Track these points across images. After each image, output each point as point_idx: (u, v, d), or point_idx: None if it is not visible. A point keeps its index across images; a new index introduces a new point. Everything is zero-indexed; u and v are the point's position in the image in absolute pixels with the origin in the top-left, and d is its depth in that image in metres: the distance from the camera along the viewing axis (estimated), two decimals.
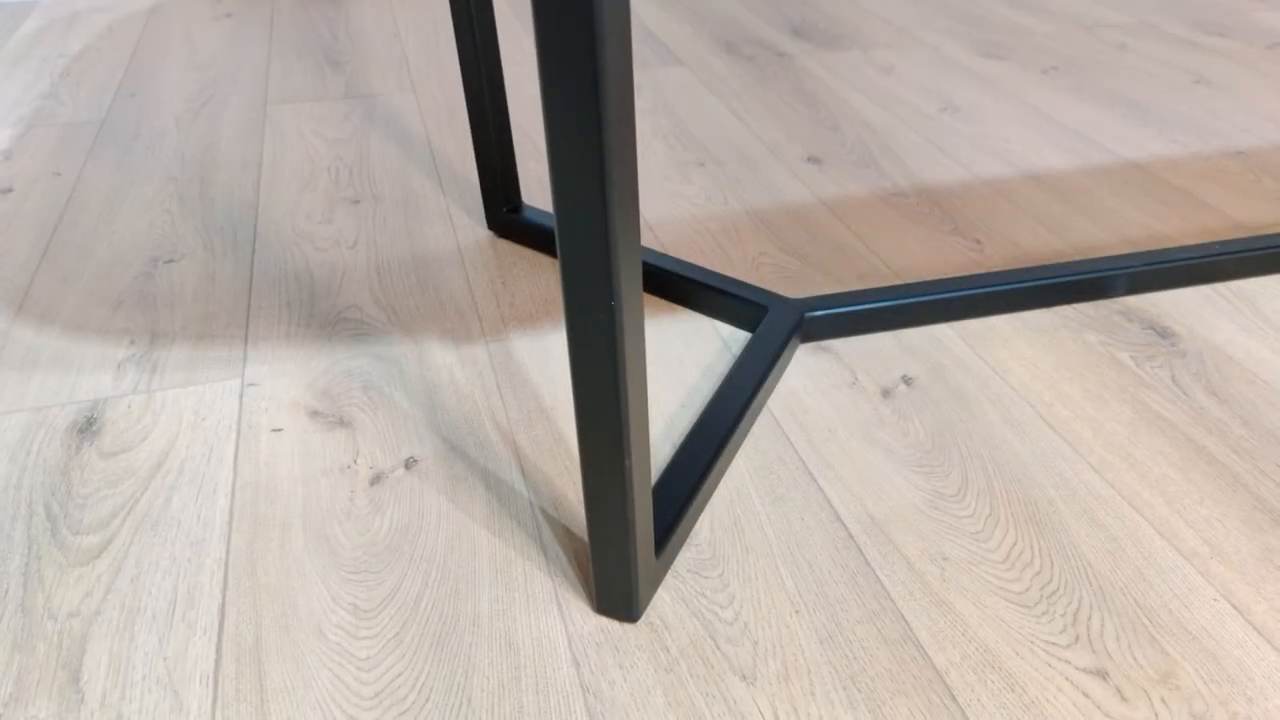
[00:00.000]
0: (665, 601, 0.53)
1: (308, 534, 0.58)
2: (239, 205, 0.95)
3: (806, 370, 0.72)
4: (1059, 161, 1.03)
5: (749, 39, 1.41)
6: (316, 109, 1.18)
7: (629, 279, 0.40)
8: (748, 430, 0.66)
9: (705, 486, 0.59)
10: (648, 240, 0.89)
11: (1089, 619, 0.52)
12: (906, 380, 0.71)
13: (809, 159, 1.04)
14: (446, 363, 0.73)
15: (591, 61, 0.34)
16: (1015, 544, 0.57)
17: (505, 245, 0.88)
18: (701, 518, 0.59)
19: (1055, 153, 1.05)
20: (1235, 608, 0.53)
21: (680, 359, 0.73)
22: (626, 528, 0.47)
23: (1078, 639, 0.51)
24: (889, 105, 1.18)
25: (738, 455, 0.64)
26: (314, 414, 0.67)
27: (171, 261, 0.86)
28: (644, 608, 0.52)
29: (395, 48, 1.39)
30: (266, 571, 0.55)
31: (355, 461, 0.63)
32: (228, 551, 0.56)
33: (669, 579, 0.55)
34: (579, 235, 0.38)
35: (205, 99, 1.20)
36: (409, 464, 0.63)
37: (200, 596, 0.54)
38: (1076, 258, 0.86)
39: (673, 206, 0.94)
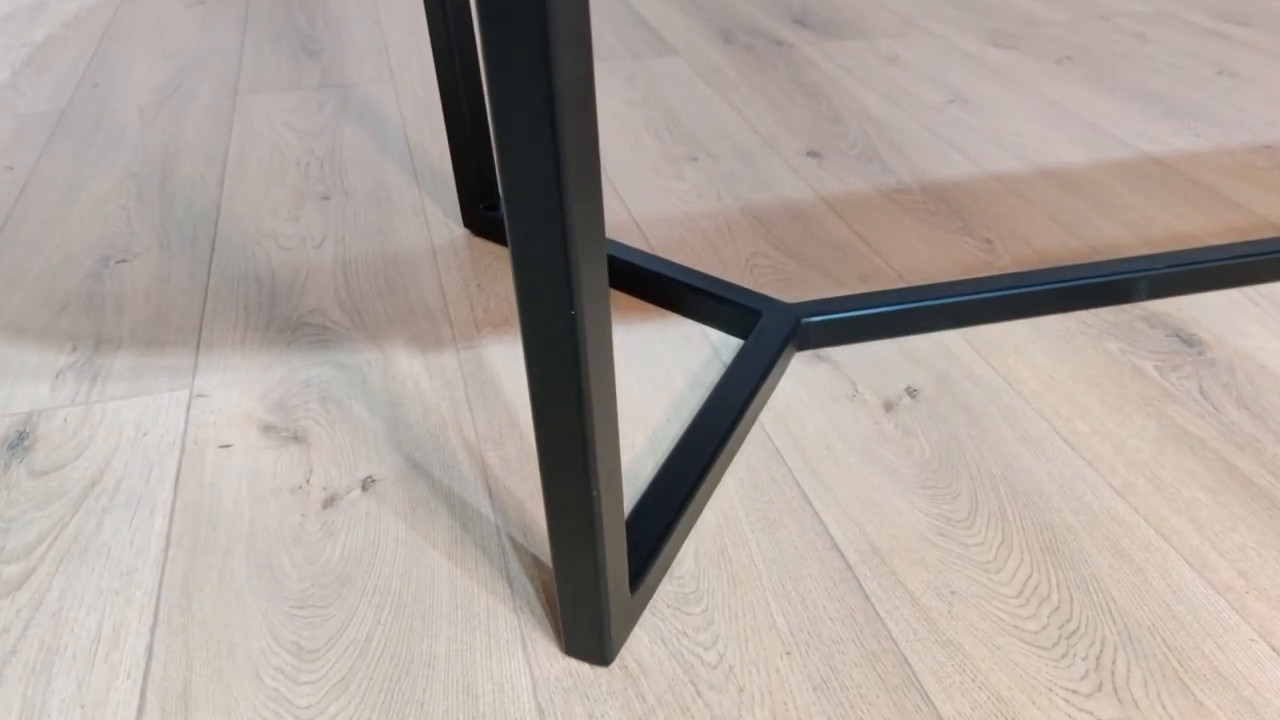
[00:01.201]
0: (642, 641, 0.49)
1: (251, 563, 0.53)
2: (200, 201, 0.91)
3: (802, 380, 0.67)
4: (1074, 156, 0.99)
5: (747, 27, 1.37)
6: (289, 99, 1.13)
7: (592, 285, 0.35)
8: (738, 447, 0.61)
9: (689, 511, 0.55)
10: (635, 239, 0.84)
11: (1113, 663, 0.48)
12: (911, 392, 0.66)
13: (809, 153, 1.00)
14: (413, 372, 0.68)
15: (540, 28, 0.29)
16: (1030, 576, 0.52)
17: (482, 244, 0.84)
18: (685, 546, 0.54)
19: (1070, 147, 1.01)
20: (1275, 649, 0.48)
21: (666, 368, 0.69)
22: (595, 565, 0.43)
23: (1101, 686, 0.47)
24: (894, 97, 1.13)
25: (726, 474, 0.59)
26: (266, 428, 0.63)
27: (124, 261, 0.81)
28: (618, 649, 0.48)
29: (375, 36, 1.34)
30: (202, 606, 0.51)
31: (308, 481, 0.59)
32: (160, 583, 0.52)
33: (647, 615, 0.50)
34: (531, 236, 0.33)
35: (172, 89, 1.16)
36: (366, 484, 0.59)
37: (127, 634, 0.49)
38: (1094, 259, 0.81)
39: (662, 203, 0.90)
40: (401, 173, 0.96)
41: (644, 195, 0.91)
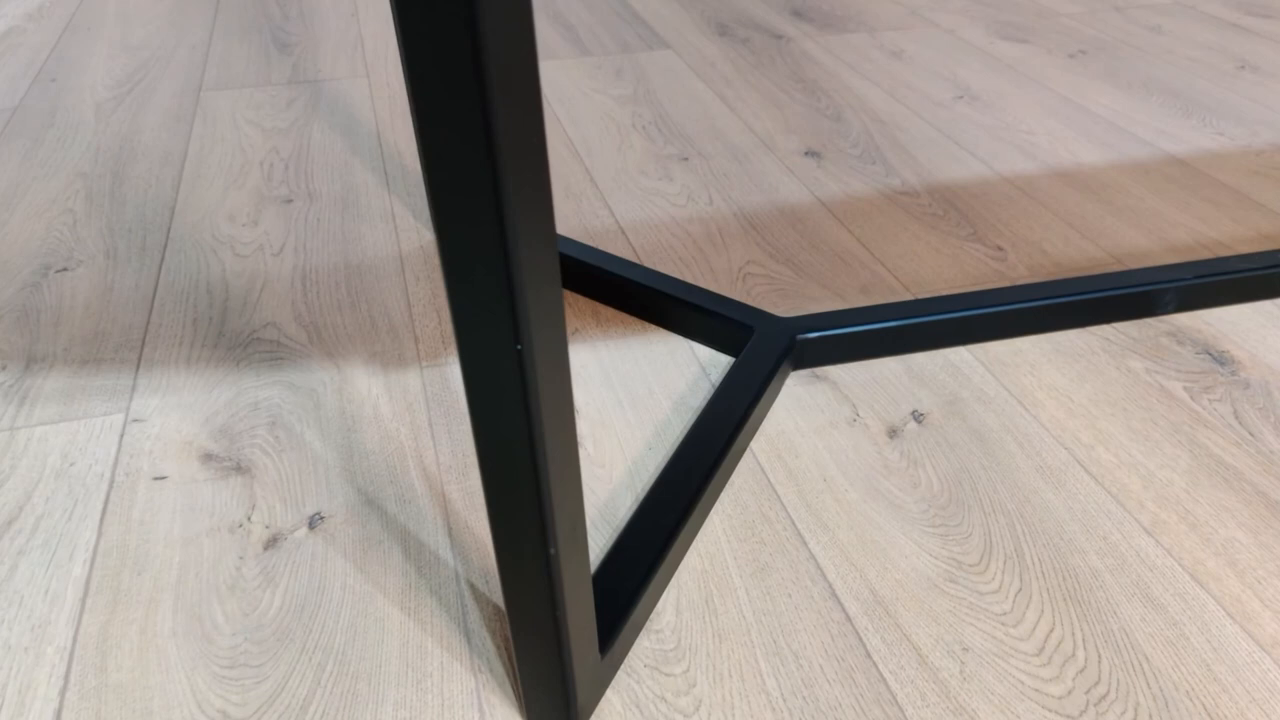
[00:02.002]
0: (614, 707, 0.44)
1: (179, 614, 0.48)
2: (153, 205, 0.86)
3: (798, 403, 0.62)
4: (1091, 155, 0.94)
5: (743, 19, 1.31)
6: (256, 95, 1.08)
7: (543, 310, 0.30)
8: (726, 478, 0.56)
9: (670, 555, 0.50)
10: (619, 246, 0.79)
11: None
12: (917, 416, 0.61)
13: (807, 153, 0.95)
14: (372, 393, 0.63)
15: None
16: (1052, 630, 0.47)
17: None
18: (666, 594, 0.49)
19: (1086, 146, 0.96)
20: None
21: (649, 389, 0.63)
22: (556, 629, 0.38)
23: None
24: (898, 93, 1.08)
25: (713, 511, 0.54)
26: (207, 458, 0.58)
27: (65, 270, 0.76)
28: (586, 716, 0.43)
29: (351, 29, 1.29)
30: (119, 666, 0.46)
31: (249, 519, 0.54)
32: (75, 638, 0.47)
33: (621, 676, 0.45)
34: (465, 255, 0.28)
35: (133, 84, 1.11)
36: (314, 522, 0.53)
37: (33, 699, 0.44)
38: (1115, 267, 0.76)
39: (649, 207, 0.85)
40: (372, 174, 0.91)
41: (630, 198, 0.86)
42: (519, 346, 0.29)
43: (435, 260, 0.77)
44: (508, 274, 0.28)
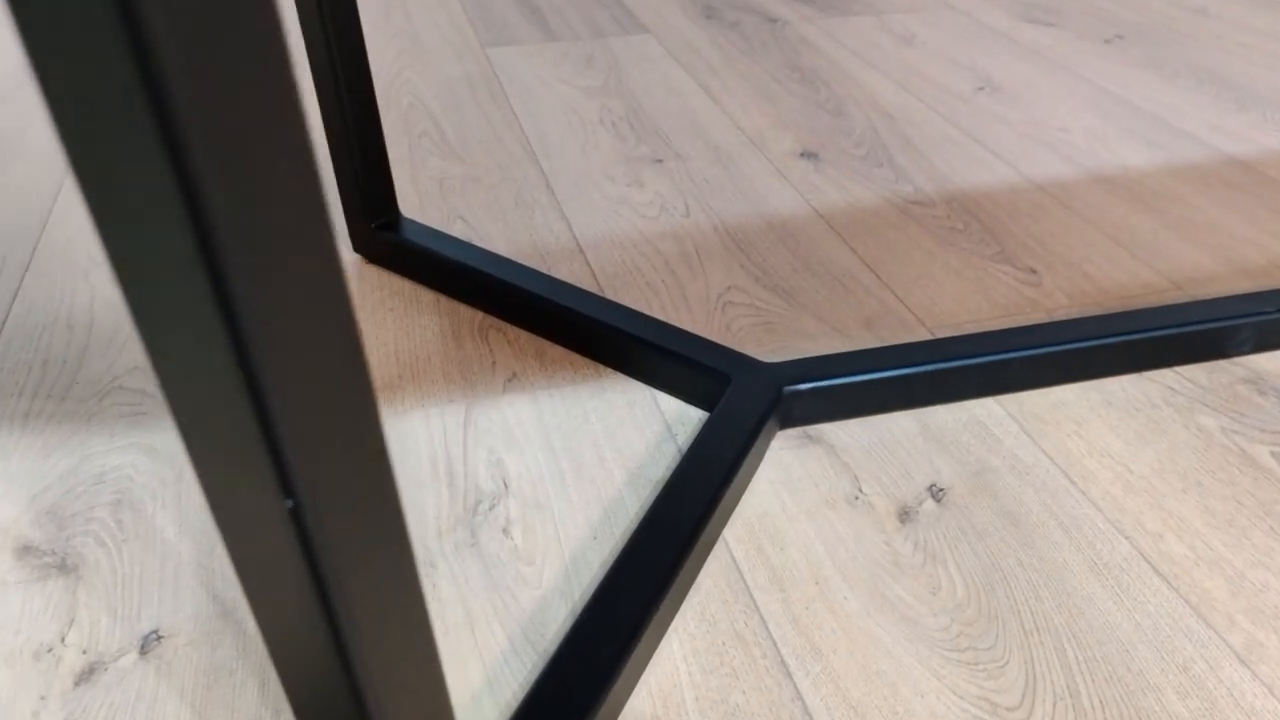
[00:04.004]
0: None
1: None
2: (21, 217, 0.75)
3: (786, 476, 0.51)
4: (1136, 157, 0.83)
5: (733, 0, 1.20)
6: None
7: (336, 434, 0.19)
8: (691, 580, 0.45)
9: (611, 699, 0.39)
10: (576, 268, 0.68)
11: None
12: (936, 493, 0.50)
13: (803, 154, 0.84)
14: None
15: None
16: None
17: (375, 275, 0.68)
18: None
19: (1130, 145, 0.85)
20: None
21: (600, 455, 0.52)
22: None
23: None
24: (910, 84, 0.97)
25: (673, 628, 0.43)
26: (24, 551, 0.47)
27: None
28: None
29: None
30: None
31: (63, 640, 0.42)
32: None
33: None
34: (177, 360, 0.17)
35: (25, 77, 1.00)
36: (147, 643, 0.42)
37: None
38: (1175, 295, 0.65)
39: (614, 219, 0.74)
40: None
41: (592, 209, 0.75)
42: (290, 502, 0.18)
43: (352, 285, 0.66)
44: (252, 391, 0.17)
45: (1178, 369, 0.59)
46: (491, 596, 0.45)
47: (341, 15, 0.59)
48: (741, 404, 0.53)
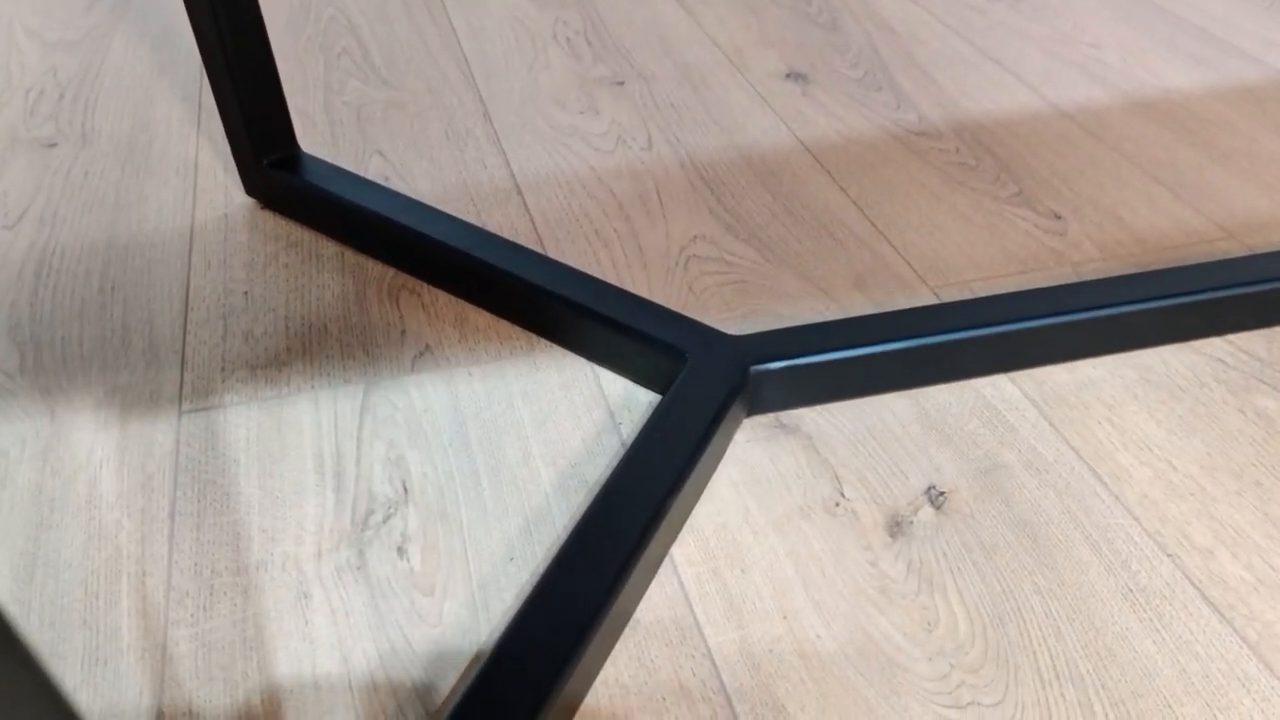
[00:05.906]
0: None
1: None
2: None
3: (752, 476, 0.43)
4: (1180, 78, 0.73)
5: None
6: None
7: None
8: (631, 610, 0.38)
9: None
10: (512, 213, 0.59)
11: None
12: (934, 497, 0.42)
13: (789, 74, 0.74)
14: (94, 457, 0.44)
15: None
16: None
17: (271, 221, 0.59)
18: None
19: (1173, 64, 0.75)
20: None
21: (525, 450, 0.44)
22: None
23: None
24: None
25: (603, 677, 0.36)
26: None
27: None
28: None
29: None
30: None
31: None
32: None
33: None
34: None
35: None
36: None
37: None
38: (1227, 246, 0.57)
39: (562, 154, 0.65)
40: (180, 106, 0.70)
41: (536, 141, 0.66)
42: None
43: (241, 235, 0.57)
44: None
45: (1231, 338, 0.50)
46: (377, 637, 0.37)
47: None
48: (700, 386, 0.45)
